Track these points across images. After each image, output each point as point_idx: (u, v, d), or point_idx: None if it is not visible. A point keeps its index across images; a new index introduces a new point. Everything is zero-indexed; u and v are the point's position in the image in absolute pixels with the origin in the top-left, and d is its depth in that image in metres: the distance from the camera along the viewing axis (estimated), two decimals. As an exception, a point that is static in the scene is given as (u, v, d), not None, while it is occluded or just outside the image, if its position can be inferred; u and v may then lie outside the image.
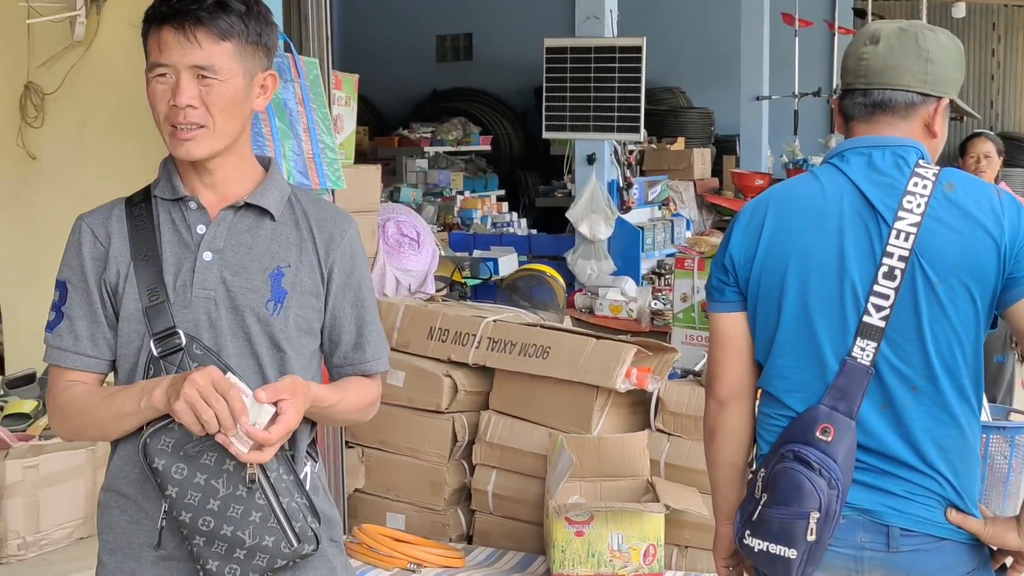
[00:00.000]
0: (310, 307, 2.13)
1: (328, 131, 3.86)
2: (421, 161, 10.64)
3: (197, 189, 2.11)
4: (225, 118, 2.03)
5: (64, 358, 2.09)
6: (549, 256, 8.01)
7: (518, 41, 12.68)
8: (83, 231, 2.11)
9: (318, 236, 2.14)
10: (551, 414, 4.34)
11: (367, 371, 2.22)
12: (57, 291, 2.13)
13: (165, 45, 2.00)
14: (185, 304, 2.05)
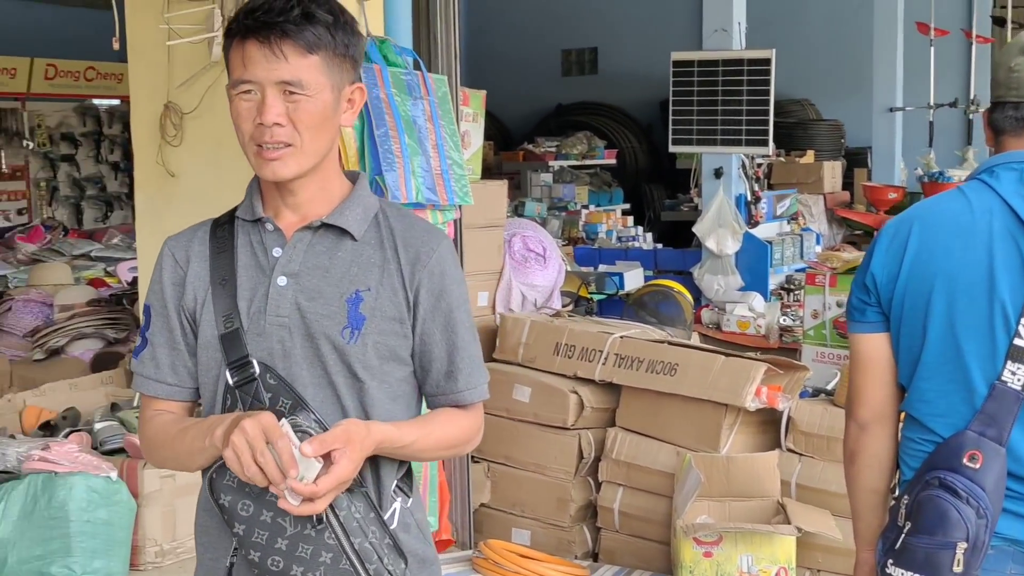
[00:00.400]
0: (392, 333, 1.98)
1: (456, 147, 3.88)
2: (546, 175, 10.67)
3: (279, 210, 2.00)
4: (313, 135, 1.92)
5: (147, 386, 2.03)
6: (675, 271, 7.93)
7: (644, 54, 12.63)
8: (165, 255, 2.04)
9: (403, 256, 1.99)
10: (679, 432, 4.28)
11: (460, 401, 2.05)
12: (143, 316, 2.07)
13: (250, 60, 1.89)
14: (259, 331, 1.95)
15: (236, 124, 1.93)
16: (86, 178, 12.08)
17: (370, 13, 3.82)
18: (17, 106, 11.29)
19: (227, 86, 1.95)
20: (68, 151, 11.93)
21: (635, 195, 12.19)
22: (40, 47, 11.48)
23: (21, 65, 11.04)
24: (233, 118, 1.93)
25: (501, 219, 4.94)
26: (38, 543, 3.35)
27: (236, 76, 1.91)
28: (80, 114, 12.00)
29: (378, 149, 3.52)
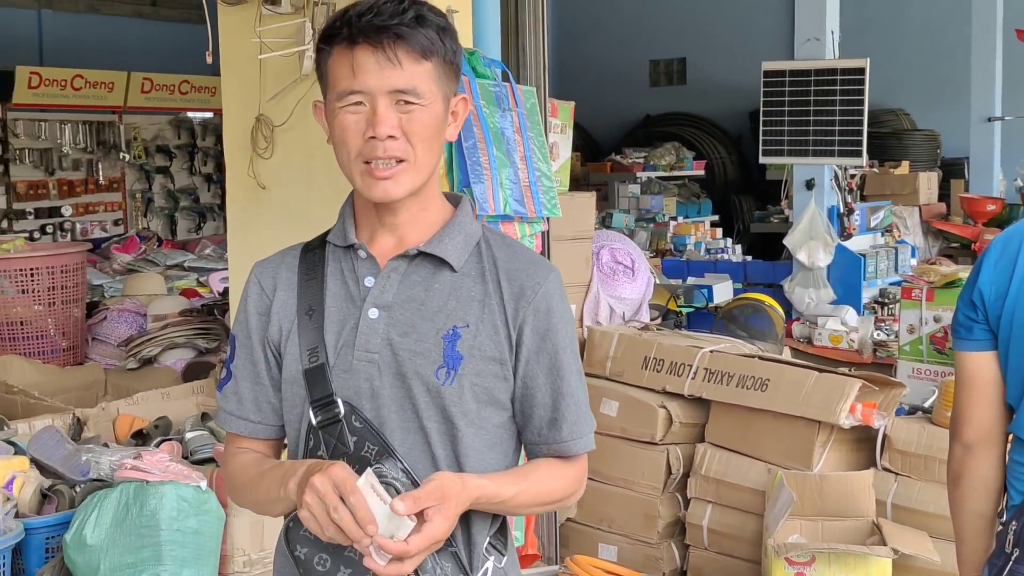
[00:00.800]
0: (492, 375, 1.80)
1: (544, 159, 3.86)
2: (633, 186, 10.61)
3: (375, 234, 1.84)
4: (426, 149, 1.76)
5: (229, 422, 1.91)
6: (765, 283, 7.82)
7: (733, 64, 12.51)
8: (251, 282, 1.90)
9: (506, 290, 1.81)
10: (770, 449, 4.20)
11: (563, 452, 1.86)
12: (230, 347, 1.94)
13: (360, 67, 1.73)
14: (345, 368, 1.79)
15: (341, 140, 1.77)
16: (180, 189, 12.30)
17: (459, 25, 3.81)
18: (114, 119, 11.55)
19: (324, 100, 1.82)
20: (163, 163, 12.17)
21: (724, 206, 12.07)
22: (136, 61, 11.73)
23: (118, 79, 11.29)
24: (337, 134, 1.78)
25: (589, 231, 4.90)
26: (129, 551, 3.39)
27: (343, 87, 1.75)
28: (175, 127, 12.23)
29: (466, 161, 3.51)
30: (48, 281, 5.12)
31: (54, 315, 5.16)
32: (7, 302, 5.06)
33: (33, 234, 10.71)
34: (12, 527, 3.22)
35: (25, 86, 10.52)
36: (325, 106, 1.84)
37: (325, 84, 1.81)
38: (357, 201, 1.87)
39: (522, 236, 3.72)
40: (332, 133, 1.80)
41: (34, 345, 5.10)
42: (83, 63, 11.45)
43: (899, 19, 12.13)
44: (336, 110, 1.77)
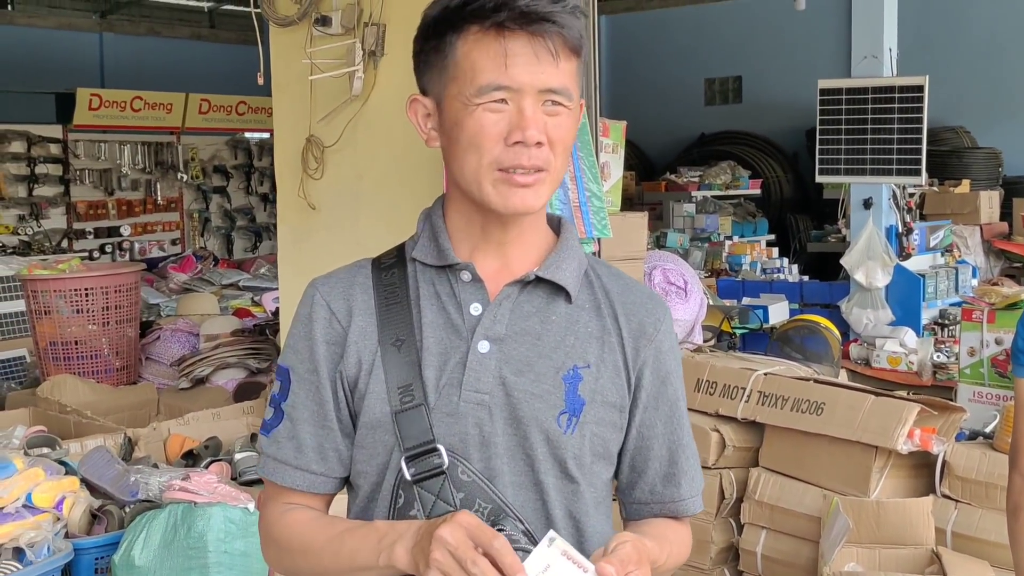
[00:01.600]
0: (610, 424, 1.57)
1: (595, 179, 3.82)
2: (688, 206, 10.54)
3: (477, 253, 1.58)
4: (564, 159, 1.53)
5: (282, 473, 1.58)
6: (822, 304, 7.72)
7: (790, 82, 12.42)
8: (316, 303, 1.59)
9: (625, 326, 1.59)
10: (825, 474, 4.11)
11: (680, 512, 1.65)
12: (278, 380, 1.62)
13: (515, 59, 1.46)
14: (450, 410, 1.51)
15: (473, 143, 1.49)
16: (236, 209, 12.44)
17: (509, 45, 3.79)
18: (172, 140, 11.72)
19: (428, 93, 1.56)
20: (220, 183, 12.32)
21: (780, 226, 11.96)
22: (194, 82, 11.90)
23: (176, 100, 11.46)
24: (470, 135, 1.49)
25: (641, 251, 4.85)
26: (177, 572, 3.39)
27: (487, 79, 1.47)
28: (232, 147, 12.38)
29: (515, 181, 3.48)
30: (102, 301, 5.16)
31: (108, 335, 5.20)
32: (62, 321, 5.11)
33: (93, 253, 10.87)
34: (62, 547, 3.22)
35: (86, 107, 10.70)
36: (441, 102, 1.54)
37: (446, 75, 1.52)
38: (454, 212, 1.59)
39: (572, 257, 3.68)
40: (456, 134, 1.51)
41: (88, 364, 5.14)
42: (142, 85, 11.64)
43: (959, 36, 11.97)
44: (470, 106, 1.48)
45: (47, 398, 4.61)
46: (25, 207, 10.64)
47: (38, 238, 10.55)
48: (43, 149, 10.77)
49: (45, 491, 3.28)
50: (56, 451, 3.80)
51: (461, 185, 1.54)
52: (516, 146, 1.47)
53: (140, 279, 5.65)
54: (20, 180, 10.59)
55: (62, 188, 10.97)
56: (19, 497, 3.23)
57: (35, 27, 12.91)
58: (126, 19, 14.21)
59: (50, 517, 3.23)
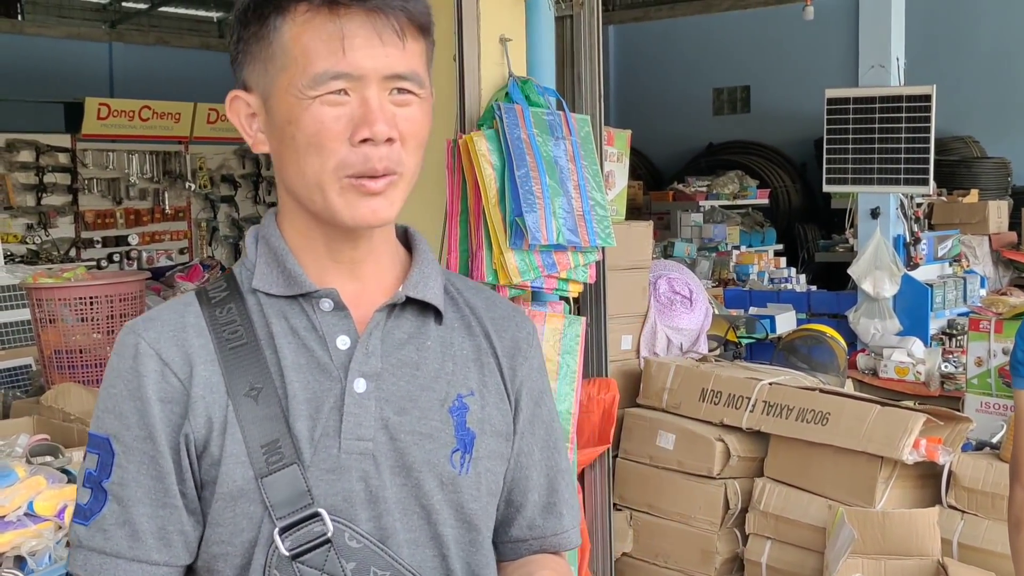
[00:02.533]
0: (500, 456, 1.38)
1: (599, 188, 3.81)
2: (696, 215, 10.53)
3: (327, 276, 1.34)
4: (418, 158, 1.32)
5: (111, 569, 1.27)
6: (829, 314, 7.69)
7: (797, 92, 12.42)
8: (143, 354, 1.28)
9: (499, 344, 1.41)
10: (830, 484, 4.09)
11: (561, 546, 1.46)
12: (94, 453, 1.30)
13: (352, 40, 1.24)
14: (331, 466, 1.27)
15: (313, 143, 1.26)
16: (245, 218, 12.44)
17: (512, 53, 3.79)
18: (180, 149, 11.74)
19: (252, 88, 1.33)
20: (228, 192, 12.33)
21: (788, 235, 11.94)
22: (202, 92, 11.92)
23: (185, 110, 11.48)
24: (308, 135, 1.26)
25: (646, 261, 4.84)
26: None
27: (322, 67, 1.24)
28: (239, 156, 12.39)
29: (519, 190, 3.47)
30: (107, 310, 5.15)
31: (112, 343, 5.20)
32: (67, 330, 5.10)
33: (101, 262, 10.89)
34: (63, 556, 3.21)
35: (94, 117, 10.73)
36: (270, 97, 1.30)
37: (274, 65, 1.28)
38: (292, 229, 1.35)
39: (576, 265, 3.67)
40: (290, 133, 1.28)
41: (92, 373, 5.13)
42: (151, 94, 11.67)
43: (967, 45, 11.95)
44: (303, 100, 1.25)
45: (51, 406, 4.59)
46: (33, 216, 10.66)
47: (46, 247, 10.57)
48: (52, 158, 10.80)
49: (47, 499, 3.26)
50: (59, 459, 3.79)
51: (300, 195, 1.31)
52: (364, 145, 1.25)
53: (145, 288, 5.64)
54: (28, 189, 10.61)
55: (70, 197, 10.99)
56: (21, 506, 3.21)
57: (44, 37, 12.95)
58: (135, 29, 14.26)
59: (52, 526, 3.22)
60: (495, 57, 3.75)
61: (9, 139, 10.42)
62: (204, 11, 14.84)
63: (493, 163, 3.52)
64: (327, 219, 1.30)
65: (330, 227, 1.31)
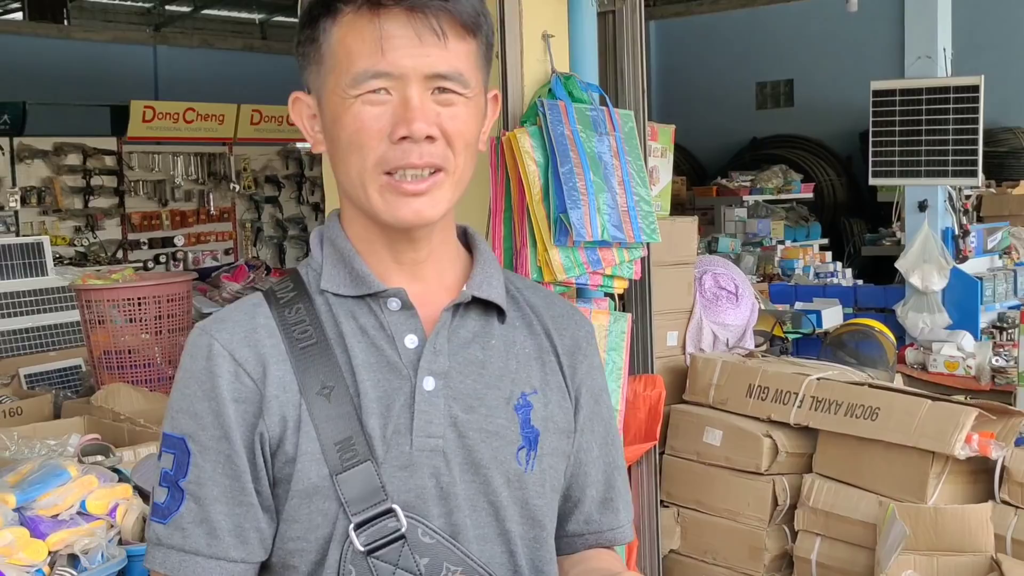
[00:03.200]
0: (562, 453, 1.40)
1: (643, 183, 3.79)
2: (740, 210, 10.47)
3: (389, 276, 1.36)
4: (467, 157, 1.32)
5: (191, 566, 1.29)
6: (876, 308, 7.62)
7: (842, 85, 12.31)
8: (216, 354, 1.30)
9: (559, 343, 1.42)
10: (881, 480, 4.05)
11: (616, 540, 1.48)
12: (169, 453, 1.32)
13: (391, 40, 1.25)
14: (403, 463, 1.29)
15: (353, 142, 1.28)
16: (288, 219, 12.53)
17: (555, 49, 3.78)
18: (224, 150, 11.83)
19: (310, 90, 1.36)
20: (272, 193, 12.42)
21: (834, 229, 11.86)
22: (246, 94, 12.02)
23: (228, 112, 11.57)
24: (348, 133, 1.28)
25: (691, 256, 4.81)
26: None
27: (362, 66, 1.26)
28: (283, 157, 12.48)
29: (562, 186, 3.46)
30: (155, 310, 5.21)
31: (160, 343, 5.24)
32: (116, 331, 5.15)
33: (147, 263, 11.01)
34: (116, 554, 3.24)
35: (139, 120, 10.84)
36: (322, 99, 1.34)
37: (324, 67, 1.31)
38: (354, 230, 1.37)
39: (621, 261, 3.65)
40: (336, 133, 1.31)
41: (141, 373, 5.18)
42: (195, 96, 11.78)
43: (1015, 35, 11.79)
44: (346, 100, 1.28)
45: (101, 406, 4.64)
46: (81, 219, 10.79)
47: (94, 249, 10.69)
48: (98, 161, 10.92)
49: (99, 498, 3.29)
50: (110, 459, 3.83)
51: (349, 194, 1.35)
52: (403, 143, 1.26)
53: (192, 288, 5.69)
54: (76, 192, 10.74)
55: (117, 200, 11.11)
56: (73, 505, 3.24)
57: (91, 41, 13.11)
58: (179, 32, 14.39)
59: (104, 524, 3.25)
60: (537, 54, 3.74)
61: (57, 143, 10.56)
62: (247, 13, 14.95)
63: (537, 160, 3.52)
64: (375, 219, 1.33)
65: (388, 228, 1.33)
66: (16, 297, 6.76)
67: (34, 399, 5.08)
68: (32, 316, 6.80)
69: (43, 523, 3.09)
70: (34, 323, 6.81)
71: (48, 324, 6.85)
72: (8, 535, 2.95)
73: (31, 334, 6.79)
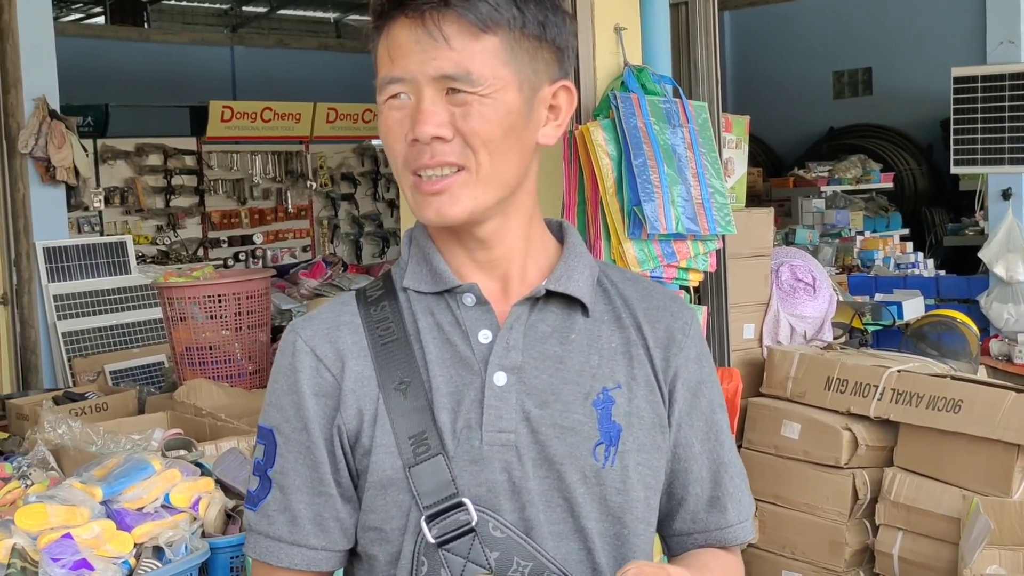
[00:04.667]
0: (653, 447, 1.38)
1: (718, 175, 3.76)
2: (818, 201, 10.33)
3: (466, 273, 1.39)
4: (495, 153, 1.31)
5: (276, 552, 1.37)
6: (959, 299, 7.48)
7: (922, 72, 12.08)
8: (299, 351, 1.37)
9: (651, 335, 1.40)
10: (964, 474, 3.98)
11: (727, 540, 1.45)
12: (261, 444, 1.41)
13: (398, 47, 1.30)
14: (473, 457, 1.31)
15: (387, 145, 1.35)
16: (364, 215, 12.63)
17: (628, 42, 3.77)
18: (301, 149, 11.96)
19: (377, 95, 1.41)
20: (348, 190, 12.52)
21: (914, 219, 11.64)
22: (322, 92, 12.13)
23: (305, 110, 11.69)
24: (383, 137, 1.35)
25: (768, 248, 4.76)
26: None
27: (382, 74, 1.33)
28: (358, 155, 12.58)
29: (636, 179, 3.45)
30: (235, 307, 5.28)
31: (241, 340, 5.32)
32: (197, 327, 5.24)
33: (227, 261, 11.17)
34: (199, 546, 3.30)
35: (218, 120, 11.00)
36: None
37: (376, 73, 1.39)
38: (436, 229, 1.40)
39: (696, 254, 3.63)
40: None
41: (222, 369, 5.27)
42: (272, 96, 11.92)
43: (1103, 17, 11.48)
44: (381, 107, 1.35)
45: (183, 402, 4.73)
46: (162, 218, 10.98)
47: (175, 248, 10.88)
48: (179, 161, 11.11)
49: (182, 492, 3.36)
50: (192, 453, 3.90)
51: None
52: (415, 144, 1.31)
53: (271, 285, 5.77)
54: (157, 192, 10.94)
55: (197, 199, 11.30)
56: (158, 498, 3.31)
57: (170, 43, 13.34)
58: (256, 32, 14.58)
59: (187, 517, 3.31)
60: (610, 47, 3.74)
61: (138, 143, 10.75)
62: (321, 12, 15.09)
63: (610, 153, 3.51)
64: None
65: (458, 228, 1.36)
66: (101, 295, 6.91)
67: (119, 395, 5.19)
68: (116, 314, 6.95)
69: (129, 516, 3.16)
70: (118, 320, 6.96)
71: (132, 321, 6.99)
72: (96, 527, 3.03)
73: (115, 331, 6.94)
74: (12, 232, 6.49)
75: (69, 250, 6.81)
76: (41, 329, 6.62)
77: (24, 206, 6.47)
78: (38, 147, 6.38)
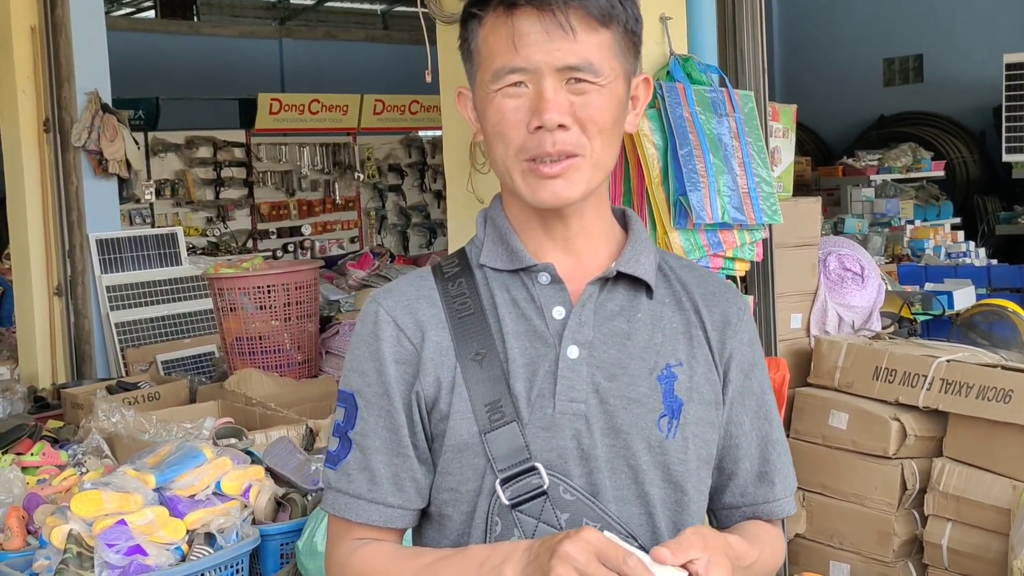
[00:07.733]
0: (709, 423, 1.47)
1: (764, 164, 3.75)
2: (867, 190, 10.23)
3: (543, 252, 1.48)
4: (605, 141, 1.41)
5: (355, 508, 1.45)
6: (1012, 288, 7.39)
7: (973, 59, 11.94)
8: (381, 320, 1.46)
9: (708, 319, 1.50)
10: (1015, 464, 3.94)
11: (772, 514, 1.54)
12: (341, 407, 1.50)
13: (523, 37, 1.36)
14: (546, 424, 1.39)
15: (497, 132, 1.41)
16: (411, 206, 12.69)
17: (673, 31, 3.76)
18: (349, 140, 12.03)
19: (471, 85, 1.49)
20: (395, 181, 12.59)
21: (966, 208, 11.50)
22: (369, 84, 12.19)
23: (352, 102, 11.76)
24: (492, 124, 1.41)
25: (815, 237, 4.73)
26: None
27: (500, 63, 1.39)
28: (405, 146, 12.63)
29: (682, 169, 3.45)
30: (284, 297, 5.33)
31: (290, 330, 5.37)
32: (247, 318, 5.30)
33: (276, 252, 11.27)
34: (250, 533, 3.35)
35: (266, 112, 11.09)
36: (473, 93, 1.49)
37: (474, 64, 1.45)
38: (512, 210, 1.49)
39: (742, 243, 3.62)
40: (484, 124, 1.44)
41: (271, 359, 5.32)
42: (320, 88, 12.01)
43: None
44: (490, 94, 1.41)
45: (234, 391, 4.79)
46: (212, 209, 11.10)
47: (225, 239, 11.00)
48: (228, 153, 11.22)
49: (233, 479, 3.41)
50: (242, 441, 3.95)
51: (500, 178, 1.47)
52: (537, 131, 1.37)
53: (319, 276, 5.81)
54: (207, 184, 11.05)
55: (246, 190, 11.40)
56: (209, 485, 3.36)
57: (219, 36, 13.47)
58: (303, 24, 14.68)
59: (238, 504, 3.36)
60: (655, 36, 3.73)
61: (188, 136, 10.88)
62: (368, 4, 15.16)
63: (656, 143, 3.51)
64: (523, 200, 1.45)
65: (538, 208, 1.45)
66: (152, 286, 7.00)
67: (171, 384, 5.27)
68: (167, 304, 7.04)
69: (181, 503, 3.21)
70: (169, 311, 7.04)
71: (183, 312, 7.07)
72: (149, 514, 3.08)
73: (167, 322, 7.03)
74: (66, 224, 6.59)
75: (121, 242, 6.90)
76: (95, 320, 6.72)
77: (77, 198, 6.57)
78: (91, 140, 6.47)
